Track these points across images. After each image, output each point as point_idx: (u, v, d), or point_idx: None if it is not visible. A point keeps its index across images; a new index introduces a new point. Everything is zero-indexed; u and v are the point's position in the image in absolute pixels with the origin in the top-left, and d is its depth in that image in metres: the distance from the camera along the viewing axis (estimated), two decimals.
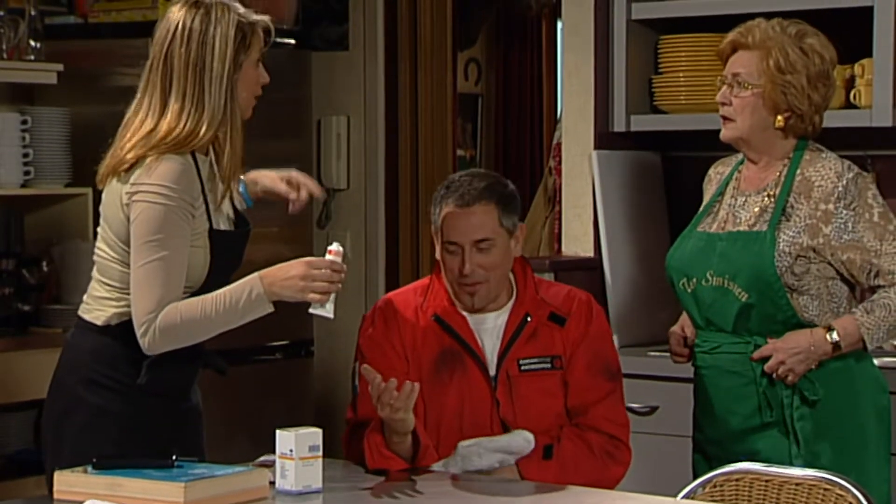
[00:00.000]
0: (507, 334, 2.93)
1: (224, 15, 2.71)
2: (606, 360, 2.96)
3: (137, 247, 2.67)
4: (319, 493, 2.66)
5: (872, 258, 2.96)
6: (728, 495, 2.69)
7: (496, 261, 2.90)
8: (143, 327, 2.67)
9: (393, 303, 2.99)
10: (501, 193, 2.92)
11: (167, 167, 2.68)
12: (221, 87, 2.70)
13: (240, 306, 2.67)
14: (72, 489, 2.57)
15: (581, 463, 2.86)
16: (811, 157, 3.06)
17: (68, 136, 4.64)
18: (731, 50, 3.08)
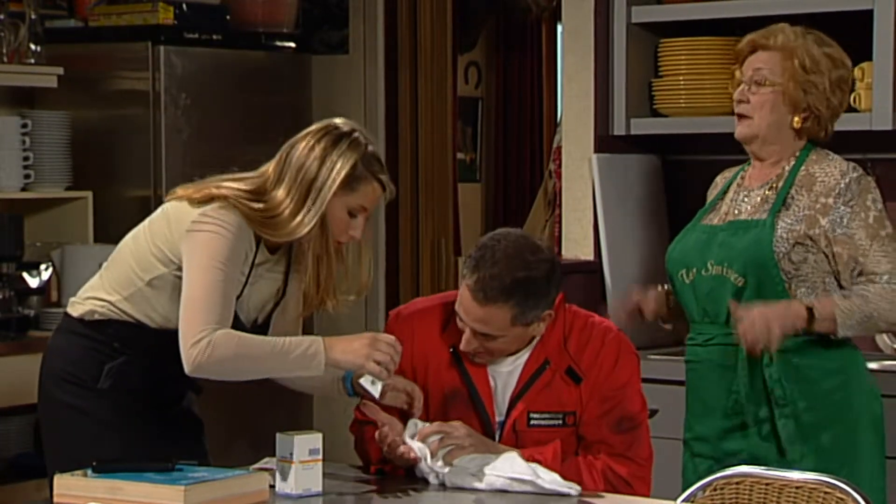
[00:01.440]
0: (522, 379, 2.78)
1: (350, 149, 2.73)
2: (622, 413, 2.79)
3: (202, 265, 2.66)
4: (319, 496, 2.66)
5: (859, 256, 2.96)
6: (728, 499, 2.69)
7: (501, 347, 2.74)
8: (196, 338, 2.63)
9: (415, 318, 2.85)
10: (526, 293, 2.66)
11: (243, 219, 2.72)
12: (321, 203, 2.71)
13: (292, 356, 2.67)
14: (71, 493, 2.56)
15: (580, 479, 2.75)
16: (818, 157, 3.08)
17: (68, 139, 4.64)
18: (750, 50, 3.06)
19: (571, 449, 2.81)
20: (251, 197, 2.73)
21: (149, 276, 2.77)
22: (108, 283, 2.82)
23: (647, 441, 2.86)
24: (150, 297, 2.78)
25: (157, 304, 2.78)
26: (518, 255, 2.69)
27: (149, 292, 2.77)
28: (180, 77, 4.65)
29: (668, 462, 3.72)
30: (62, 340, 2.86)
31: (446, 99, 5.66)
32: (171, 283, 2.75)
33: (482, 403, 2.80)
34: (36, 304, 4.50)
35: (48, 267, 4.54)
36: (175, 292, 2.74)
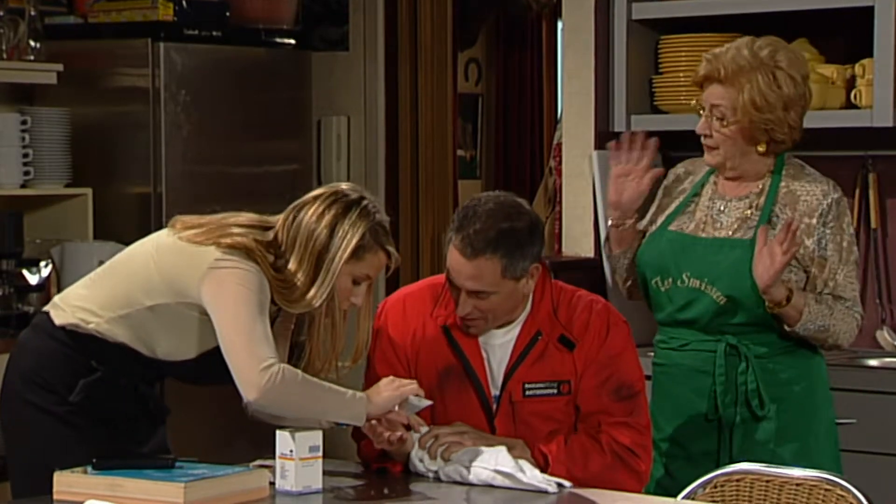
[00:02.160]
0: (515, 352, 2.83)
1: (359, 219, 2.74)
2: (619, 381, 2.84)
3: (244, 304, 2.65)
4: (319, 493, 2.66)
5: (829, 279, 3.04)
6: (728, 496, 2.69)
7: (494, 306, 2.79)
8: (266, 363, 2.61)
9: (403, 303, 2.92)
10: (512, 243, 2.74)
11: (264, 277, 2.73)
12: (333, 274, 2.72)
13: (346, 397, 2.68)
14: (71, 489, 2.57)
15: (589, 454, 2.80)
16: (794, 171, 3.11)
17: (68, 136, 4.64)
18: (704, 79, 3.08)
19: (569, 419, 2.84)
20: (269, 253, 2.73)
21: (151, 301, 2.75)
22: (101, 299, 2.79)
23: (647, 410, 2.89)
24: (147, 321, 2.76)
25: (153, 329, 2.76)
26: (500, 209, 2.77)
27: (147, 316, 2.76)
28: (180, 74, 4.65)
29: None
30: (38, 342, 2.82)
31: (446, 96, 5.66)
32: (173, 314, 2.75)
33: (477, 378, 2.84)
34: (35, 302, 4.49)
35: (48, 264, 4.54)
36: (175, 324, 2.74)
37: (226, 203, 3.41)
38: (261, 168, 4.91)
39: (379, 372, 2.87)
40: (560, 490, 2.68)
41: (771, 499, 2.67)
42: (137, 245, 2.87)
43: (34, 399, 2.78)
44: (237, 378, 2.65)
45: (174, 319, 2.75)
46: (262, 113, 4.91)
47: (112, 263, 2.87)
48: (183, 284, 2.72)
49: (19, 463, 2.81)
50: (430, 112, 5.60)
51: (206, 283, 2.69)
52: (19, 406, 2.80)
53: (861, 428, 3.71)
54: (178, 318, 2.74)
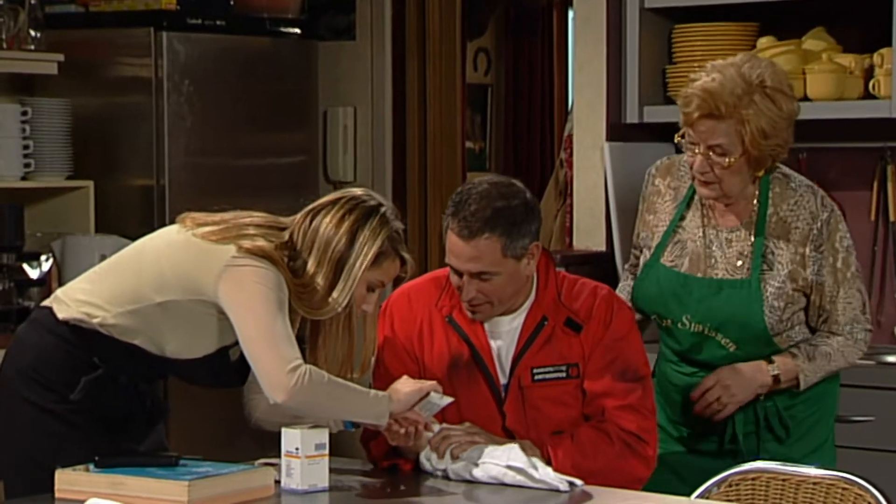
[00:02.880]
0: (521, 338, 2.86)
1: (379, 226, 2.76)
2: (625, 364, 2.88)
3: (265, 302, 2.66)
4: (326, 492, 2.66)
5: (826, 303, 3.03)
6: (744, 495, 2.69)
7: (498, 287, 2.82)
8: (293, 364, 2.62)
9: (407, 297, 2.95)
10: (509, 220, 2.77)
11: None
12: (353, 281, 2.74)
13: (370, 396, 2.69)
14: (73, 487, 2.57)
15: (599, 447, 2.82)
16: (780, 189, 3.03)
17: (69, 127, 4.64)
18: (697, 119, 2.94)
19: (579, 403, 2.87)
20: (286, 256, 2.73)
21: (162, 297, 2.75)
22: (107, 294, 2.78)
23: (652, 395, 2.92)
24: (156, 317, 2.76)
25: (162, 326, 2.76)
26: (493, 189, 2.81)
27: (156, 313, 2.76)
28: (183, 64, 4.65)
29: None
30: (38, 338, 2.82)
31: (455, 86, 5.66)
32: (184, 311, 2.75)
33: (485, 366, 2.86)
34: (36, 296, 4.49)
35: (49, 258, 4.54)
36: (185, 322, 2.74)
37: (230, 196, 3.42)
38: (266, 160, 4.91)
39: (389, 367, 2.89)
40: (572, 489, 2.69)
41: (787, 498, 2.66)
42: (146, 240, 2.86)
43: (32, 397, 2.78)
44: (262, 380, 2.65)
45: (185, 317, 2.75)
46: (266, 104, 4.90)
47: (118, 258, 2.87)
48: (197, 282, 2.72)
49: (14, 462, 2.81)
50: (438, 103, 5.60)
51: (223, 281, 2.69)
52: (16, 404, 2.80)
53: (879, 425, 3.71)
54: (189, 315, 2.74)
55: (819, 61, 4.04)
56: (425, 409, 2.75)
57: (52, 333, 2.80)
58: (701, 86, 2.93)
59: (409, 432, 2.73)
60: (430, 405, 2.75)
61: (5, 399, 2.83)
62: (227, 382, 2.88)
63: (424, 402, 2.74)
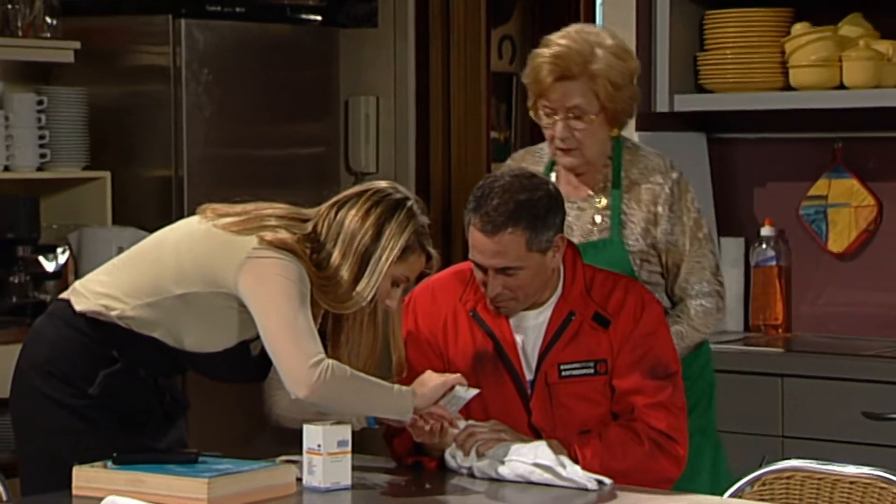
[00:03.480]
0: (548, 333, 2.87)
1: (406, 220, 2.76)
2: (655, 361, 2.87)
3: (287, 295, 2.66)
4: (348, 490, 2.66)
5: (680, 262, 3.11)
6: (778, 494, 2.68)
7: (524, 282, 2.82)
8: (316, 358, 2.62)
9: (431, 291, 2.95)
10: (532, 214, 2.77)
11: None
12: (379, 275, 2.74)
13: (394, 391, 2.69)
14: (91, 485, 2.57)
15: (628, 447, 2.81)
16: (631, 156, 3.15)
17: (86, 116, 4.66)
18: (551, 85, 3.05)
19: (607, 401, 2.86)
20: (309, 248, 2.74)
21: (181, 289, 2.75)
22: (126, 286, 2.79)
23: (682, 392, 2.92)
24: (176, 310, 2.76)
25: (182, 319, 2.77)
26: (515, 182, 2.81)
27: (176, 305, 2.76)
28: (202, 51, 4.66)
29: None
30: (55, 331, 2.82)
31: (479, 75, 5.64)
32: (204, 304, 2.75)
33: (511, 362, 2.86)
34: (52, 289, 4.51)
35: (65, 250, 4.56)
36: (206, 315, 2.75)
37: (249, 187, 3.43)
38: (286, 150, 4.91)
39: (413, 362, 2.88)
40: (600, 487, 2.68)
41: (823, 497, 2.65)
42: (166, 231, 2.86)
43: (49, 391, 2.78)
44: (284, 375, 2.65)
45: (205, 309, 2.75)
46: (287, 93, 4.90)
47: (138, 250, 2.87)
48: (218, 274, 2.72)
49: (31, 458, 2.82)
50: (462, 91, 5.58)
51: (244, 273, 2.69)
52: (33, 399, 2.81)
53: None
54: (210, 308, 2.75)
55: (856, 48, 4.01)
56: (451, 404, 2.75)
57: (70, 326, 2.81)
58: (548, 53, 3.07)
59: (434, 429, 2.73)
60: (455, 399, 2.75)
61: (22, 394, 2.84)
62: (246, 377, 2.88)
63: (449, 396, 2.74)
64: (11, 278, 4.47)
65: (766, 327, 4.24)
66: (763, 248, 4.25)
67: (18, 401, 2.85)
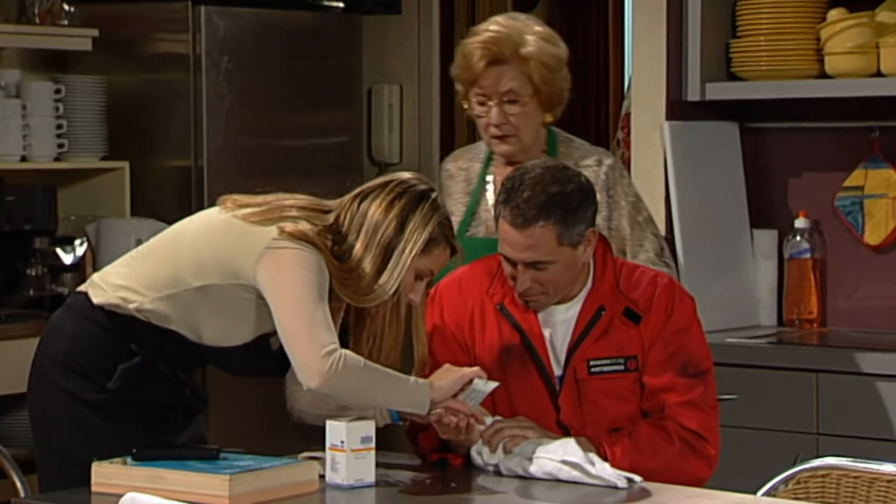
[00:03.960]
0: (577, 329, 2.87)
1: (430, 212, 2.77)
2: (686, 358, 2.87)
3: (305, 285, 2.67)
4: (372, 487, 2.67)
5: (623, 247, 3.21)
6: (813, 493, 2.67)
7: (554, 277, 2.82)
8: (328, 348, 2.63)
9: (458, 284, 2.95)
10: (564, 207, 2.77)
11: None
12: (402, 268, 2.75)
13: (409, 383, 2.70)
14: (110, 481, 2.59)
15: (658, 446, 2.81)
16: (566, 148, 3.24)
17: (104, 105, 4.67)
18: (483, 70, 3.12)
19: (637, 398, 2.86)
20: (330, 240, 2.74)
21: (200, 281, 2.76)
22: (145, 278, 2.80)
23: (714, 391, 2.91)
24: (195, 303, 2.77)
25: (201, 311, 2.78)
26: (546, 174, 2.81)
27: (195, 298, 2.77)
28: (222, 39, 4.66)
29: (748, 453, 3.71)
30: (73, 324, 2.84)
31: None
32: (224, 296, 2.76)
33: (539, 357, 2.86)
34: (69, 282, 4.53)
35: (83, 242, 4.57)
36: (225, 307, 2.76)
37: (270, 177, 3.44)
38: (308, 140, 4.92)
39: (438, 356, 2.89)
40: (630, 485, 2.68)
41: (860, 496, 2.65)
42: (185, 222, 2.87)
43: (68, 386, 2.80)
44: (296, 364, 2.66)
45: (224, 302, 2.76)
46: (309, 81, 4.91)
47: (157, 241, 2.88)
48: (237, 265, 2.73)
49: (49, 454, 2.83)
50: None
51: (262, 263, 2.70)
52: (51, 393, 2.82)
53: None
54: (229, 300, 2.76)
55: (894, 34, 4.00)
56: (470, 398, 2.75)
57: (88, 319, 2.82)
58: (478, 40, 3.14)
59: (460, 426, 2.73)
60: (474, 393, 2.75)
61: (39, 389, 2.85)
62: (266, 372, 2.89)
63: (468, 390, 2.74)
64: (28, 270, 4.49)
65: (800, 322, 4.23)
66: (797, 241, 4.24)
67: (36, 396, 2.87)
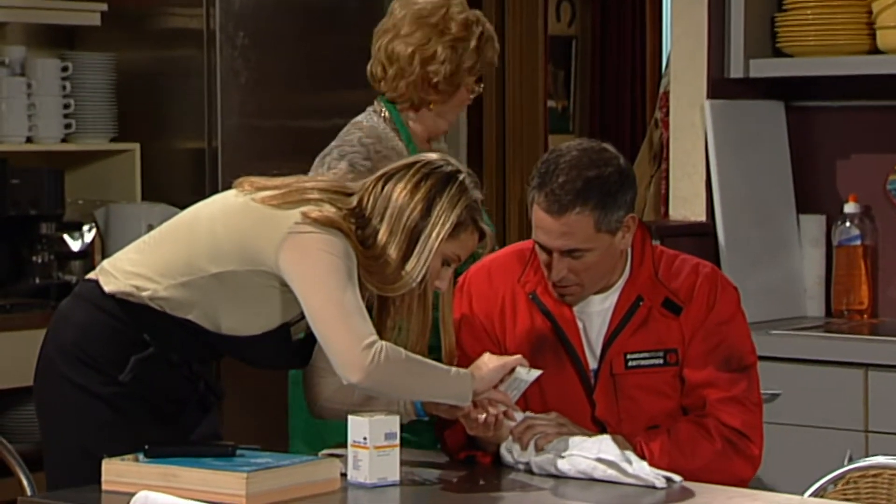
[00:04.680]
0: (614, 320, 2.86)
1: (457, 195, 2.76)
2: (729, 351, 2.85)
3: (334, 272, 2.67)
4: (397, 486, 2.66)
5: None
6: (863, 493, 2.66)
7: (591, 266, 2.81)
8: (368, 340, 2.63)
9: (488, 272, 2.95)
10: (603, 192, 2.75)
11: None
12: (429, 254, 2.74)
13: (451, 374, 2.69)
14: (121, 479, 2.59)
15: (698, 445, 2.80)
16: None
17: (113, 84, 4.68)
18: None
19: (678, 394, 2.85)
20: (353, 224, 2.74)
21: (217, 268, 2.76)
22: (158, 265, 2.80)
23: (758, 387, 2.90)
24: (212, 290, 2.77)
25: (218, 299, 2.77)
26: (583, 156, 2.79)
27: (211, 285, 2.77)
28: (237, 13, 4.66)
29: (794, 452, 3.69)
30: (82, 314, 2.83)
31: (536, 39, 5.64)
32: (242, 283, 2.75)
33: (573, 349, 2.86)
34: (78, 270, 4.54)
35: (91, 228, 4.58)
36: (243, 295, 2.75)
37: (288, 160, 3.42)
38: (328, 121, 4.88)
39: (467, 348, 2.88)
40: (669, 485, 2.67)
41: None
42: (200, 206, 2.87)
43: (77, 378, 2.80)
44: (334, 358, 2.66)
45: (243, 289, 2.76)
46: (329, 58, 4.91)
47: (170, 226, 2.88)
48: (256, 250, 2.73)
49: (57, 450, 2.84)
50: (517, 57, 5.57)
51: (285, 249, 2.69)
52: (59, 386, 2.82)
53: None
54: (248, 288, 2.75)
55: None
56: (511, 388, 2.74)
57: (98, 308, 2.82)
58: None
59: (489, 421, 2.72)
60: (516, 382, 2.74)
61: (47, 382, 2.85)
62: (287, 363, 2.89)
63: (510, 380, 2.73)
64: (34, 258, 4.50)
65: (849, 312, 4.21)
66: (847, 227, 4.22)
67: (43, 389, 2.86)
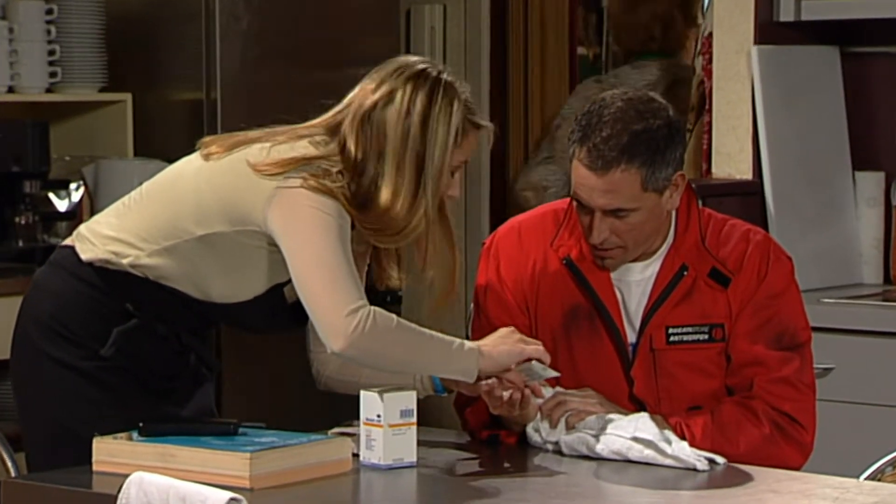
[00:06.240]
0: (655, 290, 2.85)
1: (448, 102, 2.76)
2: (781, 327, 2.85)
3: (324, 230, 2.68)
4: (413, 467, 2.67)
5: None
6: None
7: (635, 227, 2.80)
8: (354, 305, 2.63)
9: (518, 233, 2.94)
10: (650, 147, 2.73)
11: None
12: (434, 184, 2.75)
13: (453, 347, 2.68)
14: (114, 459, 2.60)
15: (744, 428, 2.80)
16: None
17: (103, 29, 4.67)
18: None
19: (723, 372, 2.85)
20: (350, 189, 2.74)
21: (203, 230, 2.77)
22: (139, 229, 2.81)
23: (811, 367, 2.89)
24: (198, 254, 2.79)
25: (205, 264, 2.79)
26: (629, 108, 2.77)
27: (198, 249, 2.78)
28: None
29: (847, 431, 3.70)
30: (59, 283, 2.84)
31: None
32: (231, 245, 2.77)
33: (611, 320, 2.85)
34: (64, 231, 4.55)
35: (79, 186, 4.59)
36: (232, 258, 2.77)
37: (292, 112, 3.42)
38: (338, 70, 4.89)
39: (492, 318, 2.89)
40: (712, 468, 2.67)
41: None
42: (182, 163, 2.88)
43: (54, 352, 2.81)
44: (318, 324, 2.66)
45: (231, 252, 2.77)
46: (340, 3, 4.90)
47: (151, 186, 2.88)
48: (244, 208, 2.74)
49: (37, 429, 2.86)
50: None
51: (273, 206, 2.71)
52: (35, 361, 2.84)
53: None
54: (237, 250, 2.77)
55: None
56: (524, 374, 2.74)
57: (76, 277, 2.83)
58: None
59: (514, 399, 2.73)
60: (529, 372, 2.73)
61: (24, 356, 2.87)
62: (282, 326, 2.90)
63: (524, 366, 2.73)
64: (17, 219, 4.51)
65: None
66: None
67: (20, 363, 2.88)
